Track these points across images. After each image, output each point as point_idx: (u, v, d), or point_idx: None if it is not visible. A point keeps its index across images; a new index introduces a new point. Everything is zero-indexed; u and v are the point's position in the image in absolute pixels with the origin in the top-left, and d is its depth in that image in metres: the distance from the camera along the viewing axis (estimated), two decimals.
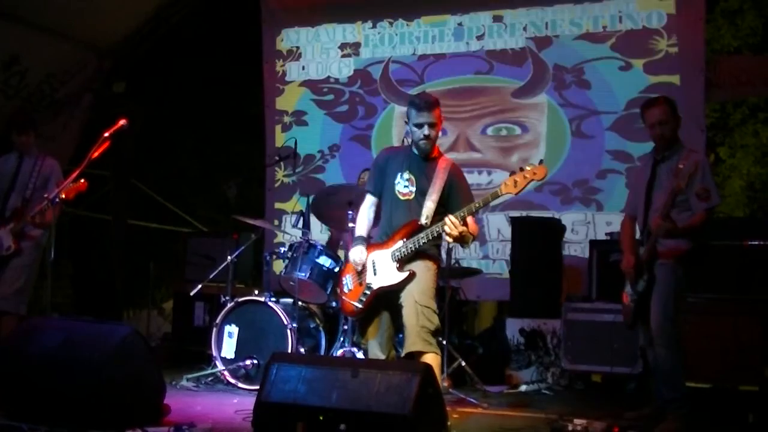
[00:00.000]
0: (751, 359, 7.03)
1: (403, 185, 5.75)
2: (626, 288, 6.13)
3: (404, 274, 5.53)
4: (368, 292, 5.65)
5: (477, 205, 5.50)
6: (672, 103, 6.17)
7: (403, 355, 5.67)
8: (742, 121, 12.29)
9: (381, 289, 5.62)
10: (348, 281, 5.83)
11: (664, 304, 5.86)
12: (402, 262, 5.57)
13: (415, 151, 5.77)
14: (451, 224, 5.39)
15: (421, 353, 5.50)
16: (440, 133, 5.87)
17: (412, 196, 5.71)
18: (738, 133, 12.39)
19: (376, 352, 5.72)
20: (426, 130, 5.65)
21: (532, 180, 5.28)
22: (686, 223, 5.78)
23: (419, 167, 5.75)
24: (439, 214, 5.56)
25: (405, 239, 5.58)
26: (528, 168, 5.28)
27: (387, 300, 5.66)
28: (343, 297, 5.84)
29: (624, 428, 5.63)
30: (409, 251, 5.55)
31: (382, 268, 5.65)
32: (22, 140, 7.67)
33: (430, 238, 5.51)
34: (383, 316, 5.72)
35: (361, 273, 5.73)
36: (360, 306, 5.69)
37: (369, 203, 5.99)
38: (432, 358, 5.48)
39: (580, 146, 9.38)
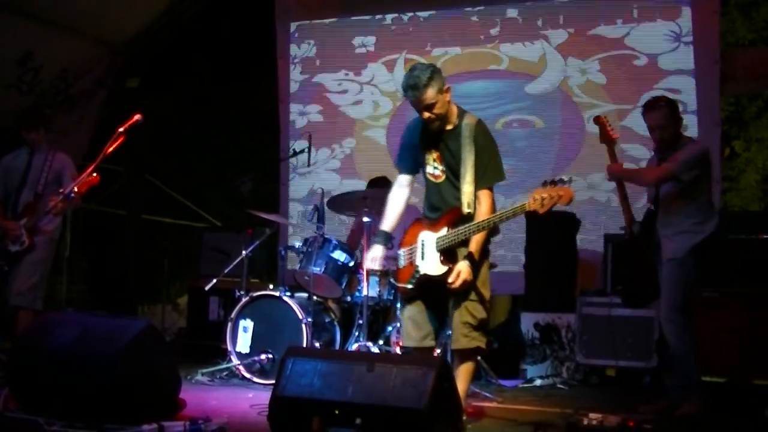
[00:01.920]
0: (766, 353, 7.02)
1: (432, 167, 5.62)
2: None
3: (445, 269, 5.40)
4: (417, 276, 5.53)
5: (497, 218, 5.38)
6: (673, 105, 6.29)
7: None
8: (758, 114, 12.19)
9: (425, 276, 5.51)
10: (402, 257, 5.71)
11: (672, 296, 6.02)
12: (445, 253, 5.44)
13: None
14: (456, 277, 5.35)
15: (462, 351, 5.50)
16: None
17: (443, 177, 5.57)
18: (753, 126, 12.29)
19: (408, 328, 5.67)
20: (424, 114, 5.47)
21: (557, 203, 5.12)
22: (631, 170, 6.31)
23: (444, 143, 5.55)
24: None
25: (448, 228, 5.45)
26: (555, 188, 5.12)
27: (437, 288, 5.52)
28: (397, 275, 5.74)
29: (639, 422, 5.62)
30: (452, 243, 5.41)
31: (429, 254, 5.52)
32: (31, 137, 7.69)
33: (475, 230, 5.37)
34: (431, 300, 5.63)
35: (413, 251, 5.59)
36: (411, 287, 5.58)
37: (398, 183, 5.82)
38: (476, 354, 5.53)
39: (596, 140, 9.32)
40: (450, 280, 5.35)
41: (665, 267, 6.09)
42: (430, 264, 5.50)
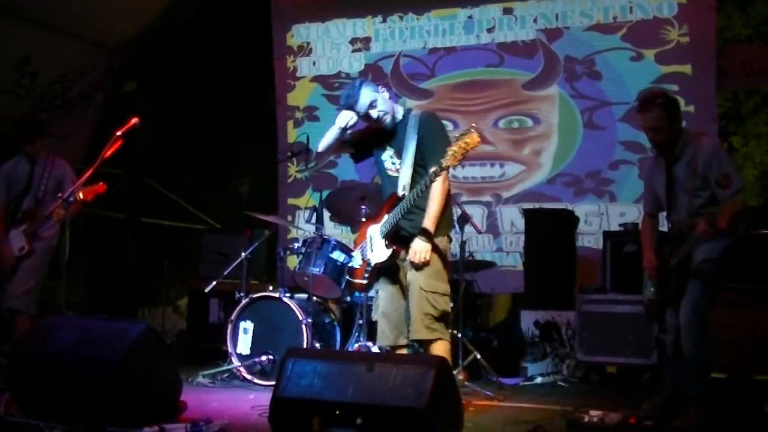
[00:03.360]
0: (766, 348, 7.02)
1: (390, 162, 5.86)
2: (646, 285, 6.06)
3: (389, 251, 5.64)
4: (369, 269, 5.76)
5: (423, 188, 5.48)
6: (670, 103, 5.91)
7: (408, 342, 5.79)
8: (755, 110, 12.24)
9: (378, 265, 5.73)
10: (356, 257, 5.96)
11: (699, 302, 5.74)
12: (389, 237, 5.66)
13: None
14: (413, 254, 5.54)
15: (426, 341, 5.57)
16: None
17: (397, 169, 5.79)
18: (751, 122, 12.33)
19: (383, 327, 5.85)
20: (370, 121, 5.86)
21: (467, 149, 5.21)
22: (724, 221, 5.34)
23: (395, 137, 5.82)
24: (421, 177, 5.57)
25: (388, 213, 5.67)
26: (462, 138, 5.21)
27: (393, 278, 5.80)
28: (353, 274, 5.97)
29: (640, 419, 5.62)
30: (391, 225, 5.62)
31: (376, 244, 5.75)
32: (28, 150, 7.68)
33: (407, 207, 5.55)
34: (394, 292, 5.83)
35: (363, 247, 5.84)
36: (364, 282, 5.83)
37: None
38: (440, 346, 5.53)
39: (592, 137, 9.36)
40: (409, 257, 5.58)
41: (696, 270, 5.71)
42: (378, 252, 5.74)
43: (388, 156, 5.86)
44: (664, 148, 5.93)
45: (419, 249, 5.55)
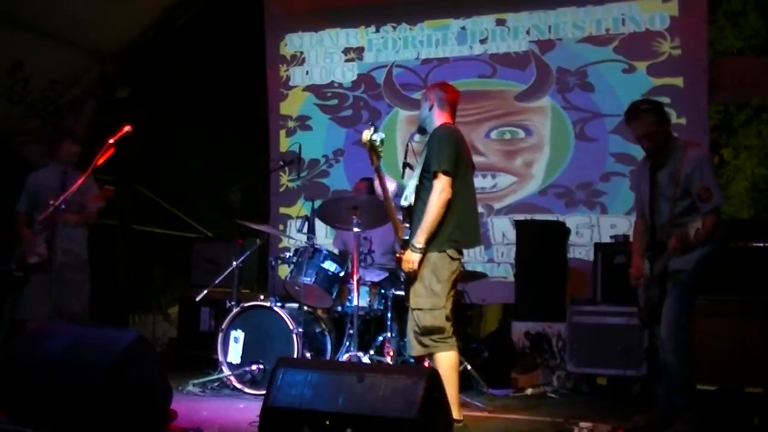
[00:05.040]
0: (756, 361, 7.04)
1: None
2: (638, 291, 6.07)
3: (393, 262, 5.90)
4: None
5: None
6: (657, 108, 5.91)
7: None
8: (746, 122, 12.26)
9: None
10: None
11: (677, 312, 5.72)
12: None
13: None
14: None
15: (422, 357, 5.59)
16: None
17: None
18: (742, 134, 12.36)
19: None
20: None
21: (367, 146, 5.65)
22: (699, 235, 5.40)
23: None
24: (425, 187, 5.65)
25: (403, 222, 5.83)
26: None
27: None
28: None
29: (629, 431, 5.63)
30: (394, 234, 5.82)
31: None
32: (74, 150, 7.66)
33: (392, 215, 5.82)
34: None
35: None
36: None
37: None
38: (439, 360, 5.51)
39: (584, 149, 9.39)
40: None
41: (673, 281, 5.74)
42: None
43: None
44: (658, 151, 5.88)
45: (405, 258, 5.59)
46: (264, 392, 5.07)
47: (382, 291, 7.48)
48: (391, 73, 10.39)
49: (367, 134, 5.69)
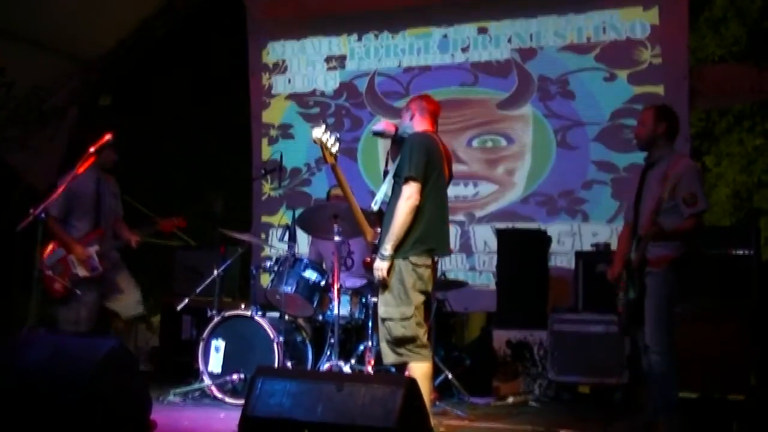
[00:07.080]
0: (736, 368, 7.07)
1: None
2: (619, 296, 6.09)
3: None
4: None
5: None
6: (662, 110, 6.10)
7: None
8: (728, 129, 12.29)
9: None
10: None
11: (657, 312, 5.78)
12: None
13: None
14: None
15: (397, 365, 5.57)
16: None
17: None
18: (724, 141, 12.38)
19: None
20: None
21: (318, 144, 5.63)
22: (673, 228, 5.67)
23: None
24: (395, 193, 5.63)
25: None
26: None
27: None
28: None
29: None
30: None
31: None
32: (113, 157, 7.61)
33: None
34: None
35: None
36: None
37: None
38: (414, 369, 5.49)
39: (566, 157, 9.42)
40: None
41: (648, 281, 5.81)
42: None
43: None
44: (641, 143, 6.10)
45: (374, 267, 5.55)
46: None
47: (363, 300, 7.47)
48: (373, 81, 10.40)
49: (318, 131, 5.59)
